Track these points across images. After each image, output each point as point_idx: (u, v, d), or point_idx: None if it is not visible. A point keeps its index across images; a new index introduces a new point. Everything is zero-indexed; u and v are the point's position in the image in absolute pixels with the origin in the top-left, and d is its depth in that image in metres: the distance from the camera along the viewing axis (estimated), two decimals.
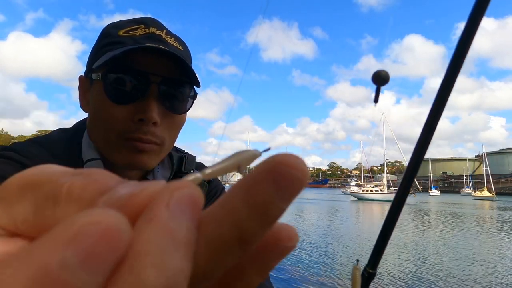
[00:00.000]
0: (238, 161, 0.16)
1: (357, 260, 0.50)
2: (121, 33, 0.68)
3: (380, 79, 0.34)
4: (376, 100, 0.35)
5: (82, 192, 0.13)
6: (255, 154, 0.17)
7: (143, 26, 0.68)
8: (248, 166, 0.16)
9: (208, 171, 0.17)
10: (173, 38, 0.70)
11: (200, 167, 0.85)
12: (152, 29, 0.68)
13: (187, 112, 0.72)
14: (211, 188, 0.84)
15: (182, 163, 0.80)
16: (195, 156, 0.84)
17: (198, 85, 0.70)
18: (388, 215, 0.61)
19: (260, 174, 0.13)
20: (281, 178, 0.13)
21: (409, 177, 0.58)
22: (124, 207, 0.12)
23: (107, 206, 0.12)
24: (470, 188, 64.96)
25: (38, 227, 0.13)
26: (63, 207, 0.13)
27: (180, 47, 0.71)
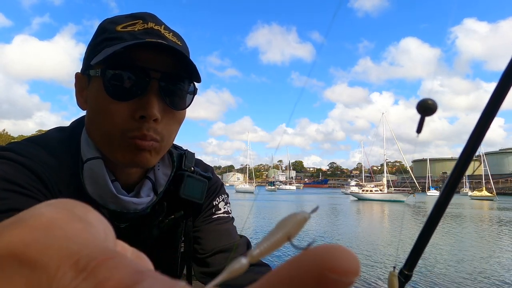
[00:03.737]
0: (288, 232, 0.14)
1: (394, 267, 0.47)
2: (119, 28, 0.66)
3: (426, 108, 0.33)
4: (419, 130, 0.33)
5: None
6: (304, 218, 0.15)
7: (141, 21, 0.67)
8: (298, 233, 0.14)
9: (255, 252, 0.14)
10: (171, 34, 0.69)
11: (199, 164, 0.85)
12: (150, 24, 0.66)
13: (188, 111, 0.71)
14: (211, 184, 0.84)
15: (181, 160, 0.79)
16: (194, 153, 0.84)
17: (199, 80, 0.69)
18: (431, 215, 0.58)
19: (307, 283, 0.11)
20: None
21: (458, 175, 0.55)
22: None
23: None
24: (467, 188, 64.94)
25: None
26: None
27: (179, 42, 0.70)
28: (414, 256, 0.61)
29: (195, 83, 0.70)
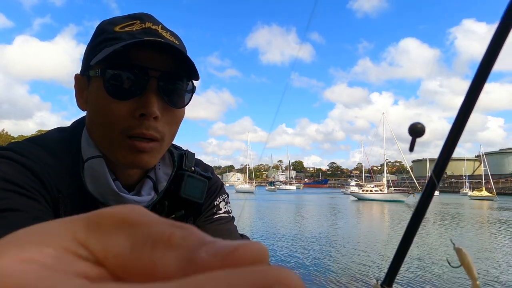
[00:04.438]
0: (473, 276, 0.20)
1: (377, 280, 0.48)
2: (117, 29, 0.67)
3: (416, 131, 0.37)
4: (411, 149, 0.37)
5: (183, 241, 0.13)
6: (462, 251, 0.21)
7: (139, 21, 0.67)
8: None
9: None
10: (168, 33, 0.70)
11: (199, 164, 0.86)
12: (148, 24, 0.67)
13: (188, 111, 0.72)
14: (211, 184, 0.84)
15: (182, 160, 0.80)
16: (194, 153, 0.85)
17: (197, 78, 0.69)
18: (406, 232, 0.58)
19: None
20: None
21: (430, 190, 0.56)
22: (225, 260, 0.12)
23: (208, 257, 0.12)
24: (467, 188, 65.02)
25: (132, 263, 0.13)
26: (161, 252, 0.13)
27: (176, 42, 0.70)
28: (392, 271, 0.62)
29: (193, 81, 0.70)
